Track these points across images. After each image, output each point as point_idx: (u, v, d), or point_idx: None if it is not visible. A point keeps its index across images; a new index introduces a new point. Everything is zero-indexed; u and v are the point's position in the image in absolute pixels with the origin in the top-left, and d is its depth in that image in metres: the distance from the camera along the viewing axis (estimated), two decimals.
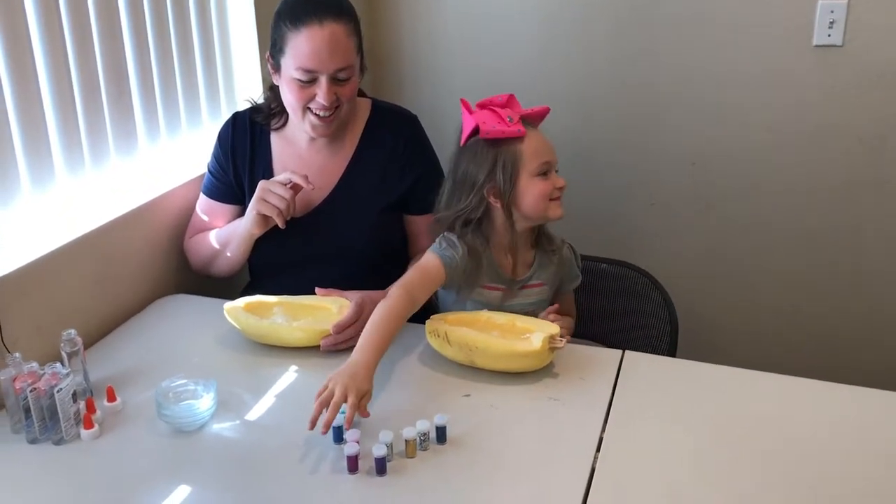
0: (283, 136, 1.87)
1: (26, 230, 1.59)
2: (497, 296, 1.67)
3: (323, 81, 1.69)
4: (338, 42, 1.67)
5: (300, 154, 1.85)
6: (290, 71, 1.69)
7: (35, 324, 1.56)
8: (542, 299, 1.71)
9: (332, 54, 1.67)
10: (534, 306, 1.69)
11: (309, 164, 1.84)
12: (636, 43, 2.49)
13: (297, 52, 1.67)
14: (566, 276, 1.75)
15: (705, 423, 1.38)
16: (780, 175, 2.46)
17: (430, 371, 1.55)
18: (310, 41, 1.66)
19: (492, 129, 1.58)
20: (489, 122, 1.59)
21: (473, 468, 1.28)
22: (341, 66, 1.69)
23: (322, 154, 1.85)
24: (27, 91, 1.56)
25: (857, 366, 2.51)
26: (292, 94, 1.72)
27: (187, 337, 1.71)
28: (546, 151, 1.61)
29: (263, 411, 1.44)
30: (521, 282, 1.69)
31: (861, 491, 1.22)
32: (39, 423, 1.35)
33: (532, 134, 1.61)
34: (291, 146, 1.86)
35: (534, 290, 1.70)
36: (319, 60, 1.67)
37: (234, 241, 1.80)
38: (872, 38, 2.26)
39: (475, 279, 1.65)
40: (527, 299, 1.69)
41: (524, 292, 1.69)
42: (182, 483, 1.26)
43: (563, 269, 1.73)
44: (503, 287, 1.67)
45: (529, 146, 1.60)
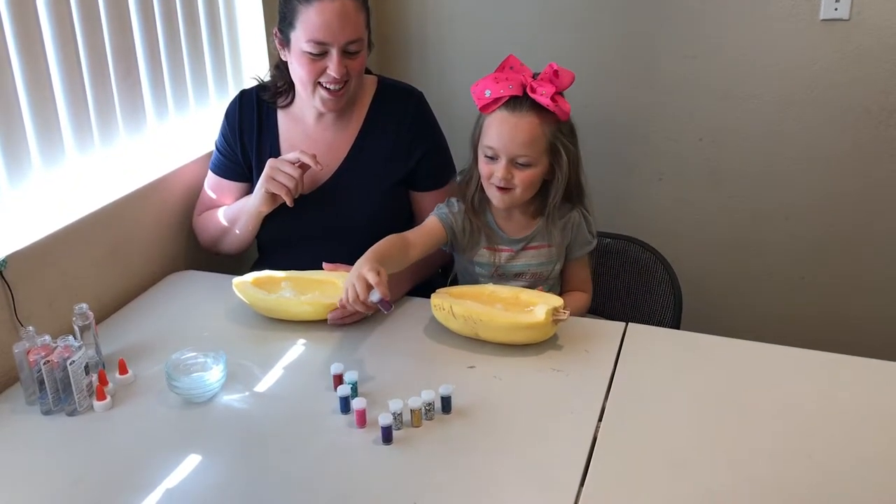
0: (290, 114, 1.88)
1: (38, 207, 1.62)
2: (500, 256, 1.70)
3: (334, 54, 1.69)
4: (348, 14, 1.68)
5: (307, 131, 1.87)
6: (300, 44, 1.70)
7: (48, 299, 1.59)
8: (550, 261, 1.72)
9: (343, 26, 1.68)
10: (541, 267, 1.71)
11: (316, 141, 1.85)
12: (644, 18, 2.48)
13: (308, 25, 1.67)
14: (575, 241, 1.73)
15: (707, 393, 1.40)
16: (788, 149, 2.46)
17: (435, 343, 1.57)
18: (321, 13, 1.66)
19: (477, 93, 1.62)
20: (480, 86, 1.62)
21: (477, 437, 1.30)
22: (352, 38, 1.69)
23: (329, 131, 1.86)
24: (36, 70, 1.58)
25: (863, 337, 2.52)
26: (303, 67, 1.72)
27: (197, 311, 1.73)
28: (496, 137, 1.60)
29: (272, 383, 1.47)
30: (520, 242, 1.70)
31: (864, 461, 1.23)
32: (53, 394, 1.38)
33: (501, 116, 1.60)
34: (298, 123, 1.87)
35: (540, 251, 1.71)
36: (331, 32, 1.67)
37: (242, 218, 1.82)
38: (879, 12, 2.25)
39: (477, 238, 1.71)
40: (532, 261, 1.71)
41: (528, 253, 1.71)
42: (192, 452, 1.29)
43: (570, 233, 1.72)
44: (504, 247, 1.70)
45: (489, 126, 1.62)
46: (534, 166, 1.61)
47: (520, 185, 1.62)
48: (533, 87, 1.58)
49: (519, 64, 1.64)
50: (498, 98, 1.59)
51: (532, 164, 1.61)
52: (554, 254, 1.72)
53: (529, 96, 1.58)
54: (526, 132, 1.59)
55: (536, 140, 1.59)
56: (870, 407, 1.35)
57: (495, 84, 1.60)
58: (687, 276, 2.03)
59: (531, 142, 1.59)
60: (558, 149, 1.62)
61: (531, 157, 1.60)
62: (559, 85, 1.59)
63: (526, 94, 1.58)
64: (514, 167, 1.61)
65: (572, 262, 1.75)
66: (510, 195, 1.63)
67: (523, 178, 1.61)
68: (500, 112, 1.60)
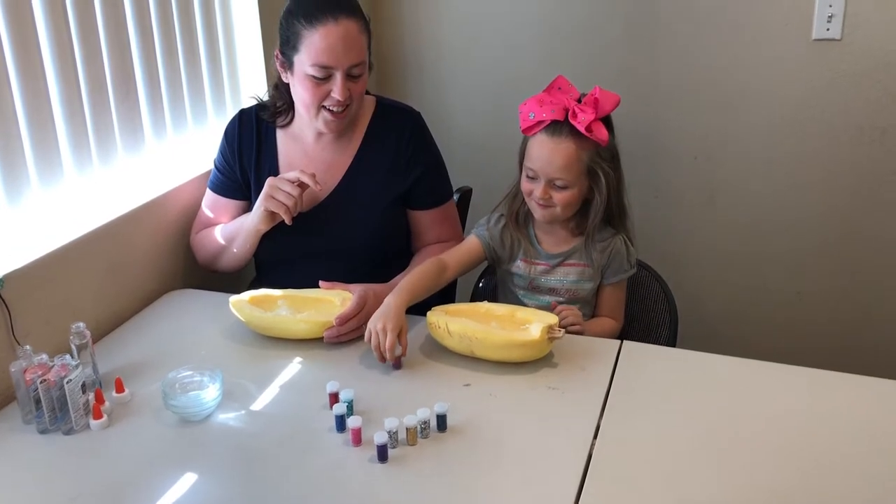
0: (289, 133, 1.89)
1: (36, 226, 1.63)
2: (535, 269, 1.76)
3: (338, 77, 1.70)
4: (352, 38, 1.70)
5: (306, 151, 1.88)
6: (304, 68, 1.71)
7: (45, 317, 1.59)
8: (585, 280, 1.75)
9: (347, 50, 1.69)
10: (575, 285, 1.74)
11: (315, 160, 1.86)
12: (638, 38, 2.51)
13: (313, 49, 1.69)
14: (611, 265, 1.75)
15: (703, 411, 1.40)
16: (782, 167, 2.48)
17: (431, 361, 1.58)
18: (325, 38, 1.68)
19: (523, 115, 1.67)
20: (527, 107, 1.67)
21: (473, 455, 1.31)
22: (355, 61, 1.71)
23: (327, 151, 1.87)
24: (35, 90, 1.59)
25: (859, 355, 2.52)
26: (307, 91, 1.73)
27: (194, 330, 1.74)
28: (536, 159, 1.67)
29: (268, 401, 1.47)
30: (557, 257, 1.74)
31: (860, 481, 1.23)
32: (49, 413, 1.38)
33: (541, 140, 1.66)
34: (297, 143, 1.88)
35: (575, 268, 1.74)
36: (336, 56, 1.69)
37: (240, 236, 1.83)
38: (871, 32, 2.27)
39: (516, 250, 1.78)
40: (568, 277, 1.74)
41: (564, 269, 1.74)
42: (188, 471, 1.29)
43: (608, 257, 1.75)
44: (541, 262, 1.75)
45: (531, 148, 1.69)
46: (571, 188, 1.67)
47: (559, 205, 1.68)
48: (575, 112, 1.63)
49: (567, 84, 1.69)
50: (540, 121, 1.65)
51: (569, 187, 1.67)
52: (589, 274, 1.74)
53: (570, 122, 1.63)
54: (563, 157, 1.64)
55: (573, 164, 1.65)
56: (866, 425, 1.36)
57: (539, 107, 1.65)
58: (683, 293, 2.04)
59: (567, 166, 1.65)
60: (597, 172, 1.67)
61: (568, 181, 1.66)
62: (600, 110, 1.63)
63: (567, 119, 1.63)
64: (551, 188, 1.67)
65: (605, 287, 1.78)
66: (550, 212, 1.70)
67: (561, 199, 1.67)
68: (541, 135, 1.66)
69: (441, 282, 1.71)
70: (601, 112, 1.63)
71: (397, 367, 1.54)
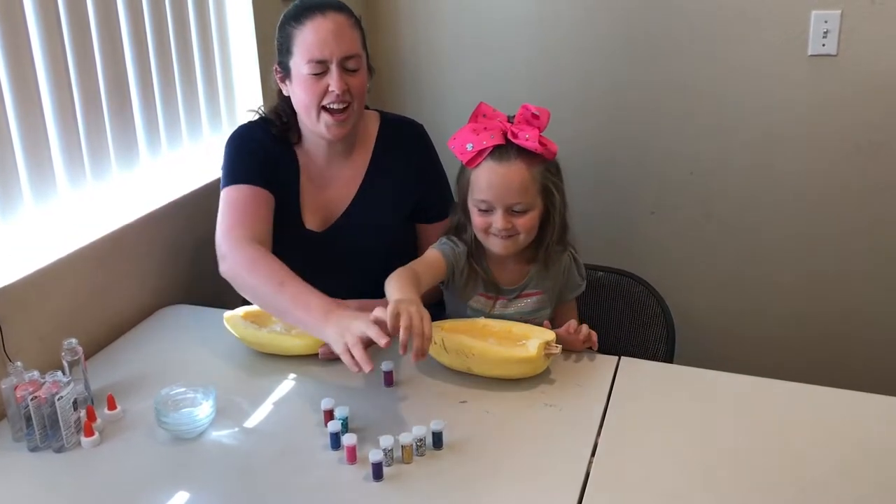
0: (302, 151, 1.84)
1: (28, 242, 1.62)
2: (492, 304, 1.69)
3: (334, 70, 1.68)
4: (342, 30, 1.68)
5: (319, 168, 1.84)
6: (300, 68, 1.69)
7: (37, 333, 1.58)
8: (542, 308, 1.71)
9: (338, 41, 1.67)
10: (532, 315, 1.70)
11: (327, 178, 1.84)
12: (633, 54, 2.51)
13: (304, 45, 1.67)
14: (566, 285, 1.74)
15: (700, 427, 1.39)
16: (778, 183, 2.48)
17: (427, 378, 1.56)
18: (316, 31, 1.67)
19: (458, 148, 1.60)
20: (459, 139, 1.60)
21: (469, 473, 1.29)
22: (347, 52, 1.68)
23: (338, 167, 1.85)
24: (29, 105, 1.59)
25: (857, 371, 2.51)
26: (305, 91, 1.70)
27: (187, 346, 1.72)
28: (488, 188, 1.58)
29: (262, 418, 1.46)
30: (514, 290, 1.70)
31: (858, 497, 1.22)
32: (40, 430, 1.36)
33: (489, 167, 1.58)
34: (310, 161, 1.84)
35: (531, 298, 1.70)
36: (328, 48, 1.66)
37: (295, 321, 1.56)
38: (866, 48, 2.28)
39: (473, 284, 1.68)
40: (524, 308, 1.70)
41: (520, 301, 1.70)
42: (181, 490, 1.28)
43: (561, 278, 1.73)
44: (497, 295, 1.69)
45: (478, 179, 1.61)
46: (531, 210, 1.61)
47: (522, 231, 1.61)
48: (514, 133, 1.57)
49: (491, 110, 1.64)
50: (482, 150, 1.58)
51: (529, 210, 1.60)
52: (546, 300, 1.72)
53: (513, 143, 1.57)
54: (518, 179, 1.58)
55: (528, 185, 1.59)
56: (864, 441, 1.35)
57: (475, 136, 1.59)
58: (679, 309, 2.03)
59: (524, 188, 1.58)
60: (550, 189, 1.62)
61: (526, 203, 1.59)
62: (540, 125, 1.59)
63: (509, 141, 1.58)
64: (511, 215, 1.60)
65: (562, 304, 1.75)
66: (513, 241, 1.62)
67: (524, 224, 1.61)
68: (487, 163, 1.59)
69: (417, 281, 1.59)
70: (541, 127, 1.58)
71: (389, 384, 1.53)
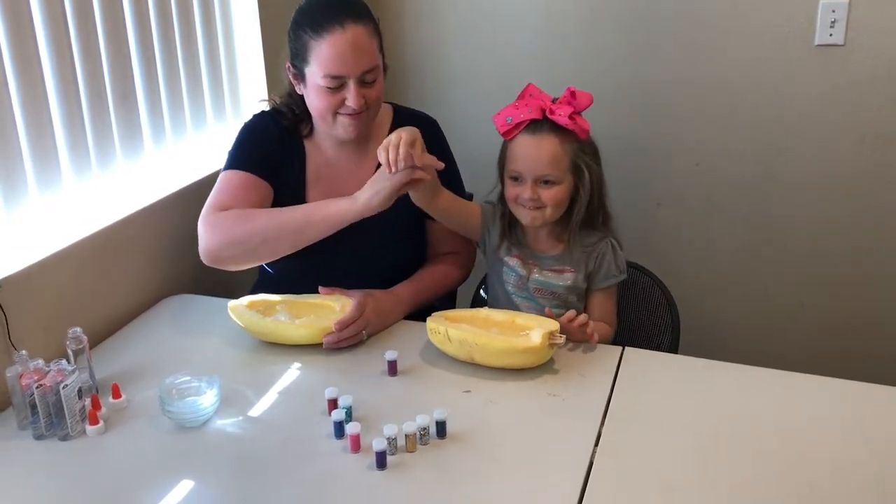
0: (313, 143, 1.83)
1: (33, 231, 1.62)
2: (527, 268, 1.75)
3: (351, 85, 1.66)
4: (361, 44, 1.65)
5: (329, 161, 1.83)
6: (316, 80, 1.67)
7: (42, 322, 1.58)
8: (575, 286, 1.73)
9: (357, 57, 1.65)
10: (565, 290, 1.73)
11: (339, 171, 1.83)
12: (640, 45, 2.50)
13: (322, 60, 1.65)
14: (597, 272, 1.73)
15: (704, 417, 1.39)
16: (784, 174, 2.47)
17: (430, 367, 1.56)
18: (333, 46, 1.63)
19: (500, 121, 1.68)
20: (502, 114, 1.68)
21: (472, 463, 1.29)
22: (367, 67, 1.66)
23: (351, 161, 1.83)
24: (34, 95, 1.59)
25: (861, 362, 2.51)
26: (321, 101, 1.69)
27: (192, 336, 1.72)
28: (520, 160, 1.66)
29: (266, 407, 1.46)
30: (544, 258, 1.74)
31: (863, 488, 1.22)
32: (45, 419, 1.37)
33: (523, 139, 1.66)
34: (321, 153, 1.83)
35: (564, 274, 1.73)
36: (346, 65, 1.64)
37: (323, 223, 1.63)
38: (874, 38, 2.26)
39: (507, 244, 1.77)
40: (556, 281, 1.73)
41: (552, 274, 1.73)
42: (185, 478, 1.28)
43: (593, 263, 1.73)
44: (528, 259, 1.75)
45: (513, 150, 1.69)
46: (559, 184, 1.66)
47: (549, 204, 1.66)
48: (552, 110, 1.64)
49: (538, 91, 1.69)
50: (519, 123, 1.66)
51: (557, 182, 1.66)
52: (580, 279, 1.73)
53: (549, 118, 1.64)
54: (548, 152, 1.64)
55: (558, 159, 1.65)
56: (869, 432, 1.35)
57: (515, 110, 1.67)
58: (685, 300, 2.02)
59: (553, 161, 1.64)
60: (581, 167, 1.67)
61: (555, 176, 1.65)
62: (577, 106, 1.65)
63: (546, 117, 1.64)
64: (539, 187, 1.66)
65: (595, 292, 1.75)
66: (541, 213, 1.68)
67: (550, 197, 1.66)
68: (522, 136, 1.66)
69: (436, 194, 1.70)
70: (577, 108, 1.65)
71: (393, 373, 1.53)
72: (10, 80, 1.54)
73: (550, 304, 1.72)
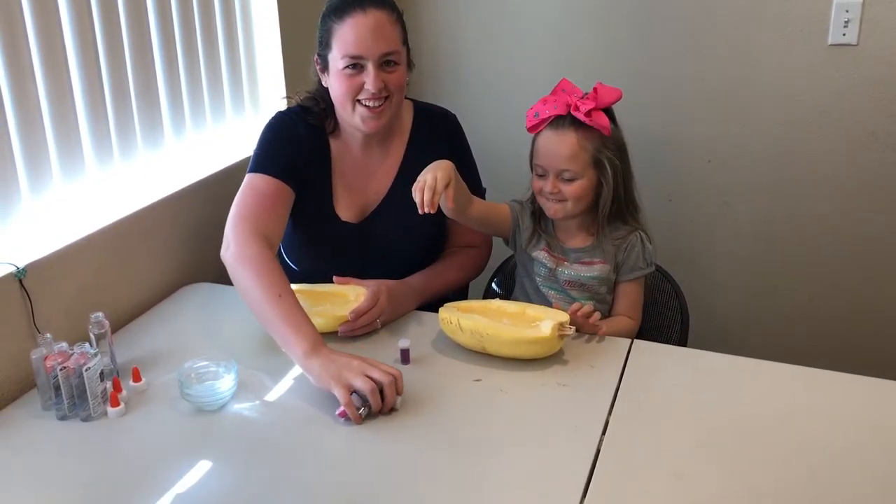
0: (339, 141, 1.85)
1: (58, 218, 1.66)
2: (556, 261, 1.78)
3: (370, 68, 1.67)
4: (382, 27, 1.67)
5: (354, 159, 1.84)
6: (337, 63, 1.69)
7: (65, 307, 1.63)
8: (604, 277, 1.76)
9: (376, 39, 1.67)
10: (594, 281, 1.76)
11: (363, 168, 1.85)
12: (653, 42, 2.52)
13: (342, 42, 1.67)
14: (626, 262, 1.76)
15: (711, 409, 1.41)
16: (795, 172, 2.48)
17: (442, 356, 1.60)
18: (354, 28, 1.66)
19: (529, 115, 1.73)
20: (533, 109, 1.72)
21: (482, 449, 1.32)
22: (385, 50, 1.68)
23: (375, 157, 1.85)
24: (60, 87, 1.63)
25: (870, 357, 2.52)
26: (341, 85, 1.70)
27: (211, 322, 1.76)
28: (543, 155, 1.72)
29: (282, 393, 1.49)
30: (574, 253, 1.77)
31: (868, 482, 1.23)
32: (68, 400, 1.41)
33: (546, 134, 1.71)
34: (346, 150, 1.84)
35: (594, 266, 1.76)
36: (365, 46, 1.66)
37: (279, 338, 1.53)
38: (887, 38, 2.27)
39: (537, 239, 1.81)
40: (586, 272, 1.76)
41: (582, 267, 1.76)
42: (202, 459, 1.32)
43: (621, 255, 1.76)
44: (557, 254, 1.78)
45: (537, 145, 1.74)
46: (579, 179, 1.70)
47: (570, 198, 1.71)
48: (577, 106, 1.68)
49: (571, 86, 1.74)
50: (544, 119, 1.70)
51: (577, 178, 1.70)
52: (607, 270, 1.76)
53: (572, 114, 1.68)
54: (567, 147, 1.68)
55: (578, 154, 1.69)
56: (876, 426, 1.36)
57: (543, 106, 1.72)
58: (694, 295, 2.05)
59: (573, 156, 1.68)
60: (602, 162, 1.70)
61: (575, 171, 1.69)
62: (599, 101, 1.68)
63: (569, 113, 1.69)
64: (560, 181, 1.70)
65: (621, 283, 1.79)
66: (563, 206, 1.73)
67: (571, 191, 1.70)
68: (546, 131, 1.72)
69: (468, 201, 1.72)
70: (601, 103, 1.68)
71: (406, 361, 1.57)
72: (37, 73, 1.58)
73: (581, 296, 1.76)
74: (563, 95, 1.71)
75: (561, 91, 1.73)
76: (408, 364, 1.56)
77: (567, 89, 1.72)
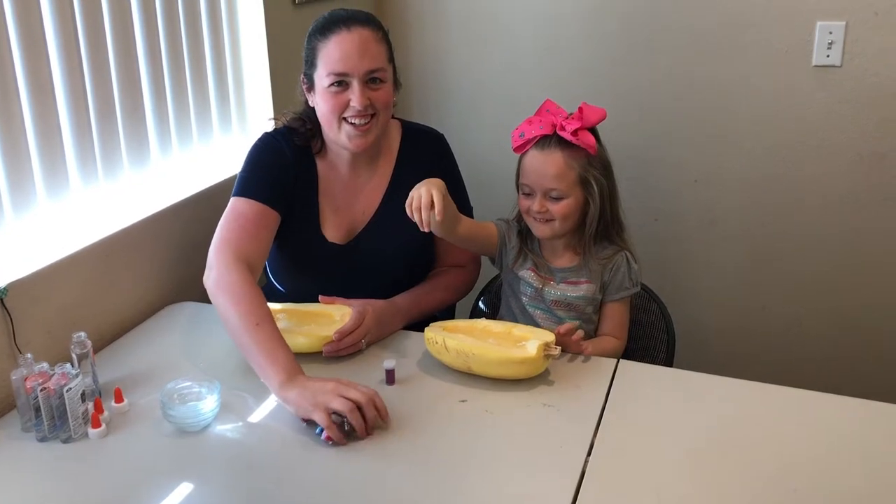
0: (326, 162, 1.84)
1: (40, 237, 1.65)
2: (542, 281, 1.78)
3: (355, 85, 1.67)
4: (367, 44, 1.68)
5: (342, 179, 1.84)
6: (322, 81, 1.69)
7: (47, 326, 1.61)
8: (591, 297, 1.76)
9: (361, 56, 1.67)
10: (581, 300, 1.76)
11: (350, 188, 1.84)
12: (639, 63, 2.53)
13: (327, 59, 1.67)
14: (611, 283, 1.77)
15: (697, 432, 1.41)
16: (781, 192, 2.50)
17: (427, 377, 1.59)
18: (339, 46, 1.66)
19: (514, 136, 1.73)
20: (518, 129, 1.73)
21: (468, 471, 1.31)
22: (370, 67, 1.68)
23: (362, 178, 1.85)
24: (44, 105, 1.62)
25: (858, 378, 2.53)
26: (326, 103, 1.70)
27: (194, 342, 1.75)
28: (530, 174, 1.72)
29: (265, 414, 1.48)
30: (560, 272, 1.77)
31: (854, 502, 1.23)
32: (49, 421, 1.39)
33: (533, 154, 1.71)
34: (333, 171, 1.84)
35: (580, 286, 1.76)
36: (350, 63, 1.66)
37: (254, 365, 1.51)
38: (870, 59, 2.30)
39: (523, 259, 1.80)
40: (572, 292, 1.76)
41: (568, 287, 1.76)
42: (185, 481, 1.30)
43: (607, 275, 1.76)
44: (544, 274, 1.78)
45: (524, 164, 1.74)
46: (566, 198, 1.70)
47: (557, 217, 1.71)
48: (562, 126, 1.68)
49: (555, 107, 1.74)
50: (530, 139, 1.71)
51: (564, 197, 1.70)
52: (593, 290, 1.76)
53: (558, 134, 1.69)
54: (554, 167, 1.69)
55: (564, 173, 1.69)
56: (862, 448, 1.36)
57: (528, 126, 1.73)
58: (681, 315, 2.05)
59: (559, 175, 1.69)
60: (589, 181, 1.71)
61: (562, 190, 1.69)
62: (585, 121, 1.69)
63: (555, 133, 1.69)
64: (547, 200, 1.70)
65: (607, 303, 1.78)
66: (550, 226, 1.73)
67: (558, 210, 1.71)
68: (532, 151, 1.72)
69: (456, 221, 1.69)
70: (587, 123, 1.69)
71: (391, 382, 1.56)
72: (21, 91, 1.57)
73: (568, 315, 1.76)
74: (548, 115, 1.72)
75: (546, 111, 1.73)
76: (393, 384, 1.55)
77: (552, 109, 1.73)
